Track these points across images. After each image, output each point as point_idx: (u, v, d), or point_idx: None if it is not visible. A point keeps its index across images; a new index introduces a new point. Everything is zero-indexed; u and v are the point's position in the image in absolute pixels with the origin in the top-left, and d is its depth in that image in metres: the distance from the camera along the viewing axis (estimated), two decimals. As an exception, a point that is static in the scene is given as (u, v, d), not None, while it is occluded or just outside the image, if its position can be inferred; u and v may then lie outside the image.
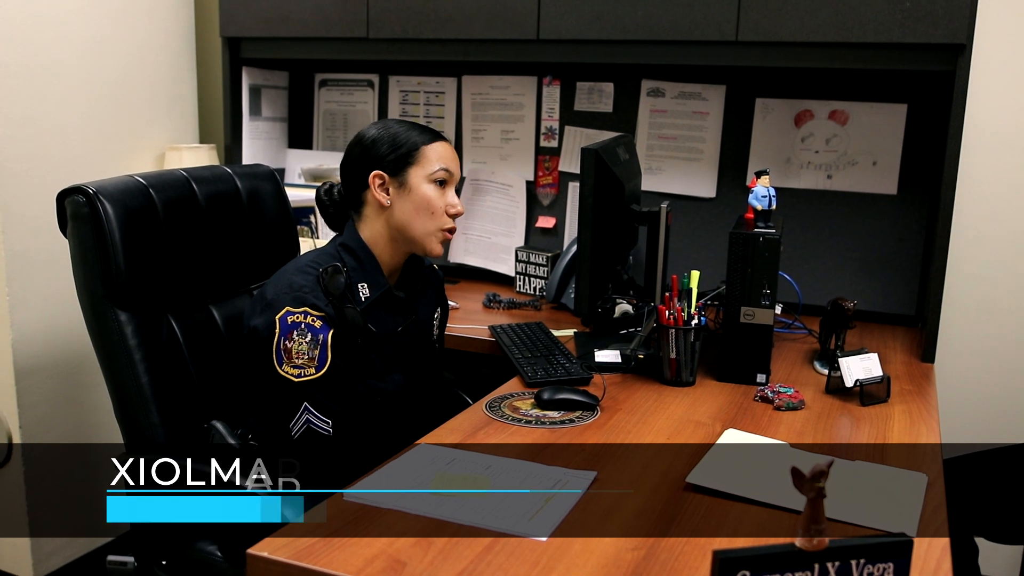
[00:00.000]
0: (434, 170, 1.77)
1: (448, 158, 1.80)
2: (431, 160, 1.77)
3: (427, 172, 1.76)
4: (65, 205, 1.75)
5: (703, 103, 2.65)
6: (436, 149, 1.78)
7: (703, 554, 1.20)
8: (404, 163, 1.76)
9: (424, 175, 1.76)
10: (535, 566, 1.15)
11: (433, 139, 1.80)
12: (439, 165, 1.77)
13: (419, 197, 1.76)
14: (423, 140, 1.78)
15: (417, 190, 1.76)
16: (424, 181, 1.77)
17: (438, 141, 1.80)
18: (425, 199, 1.76)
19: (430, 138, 1.79)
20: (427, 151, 1.77)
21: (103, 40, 2.64)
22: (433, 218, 1.77)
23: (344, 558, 1.16)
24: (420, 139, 1.78)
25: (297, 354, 1.62)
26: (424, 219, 1.77)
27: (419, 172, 1.76)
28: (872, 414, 1.79)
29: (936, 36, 2.06)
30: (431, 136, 1.80)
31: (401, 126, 1.81)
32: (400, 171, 1.76)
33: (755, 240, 1.91)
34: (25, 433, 2.46)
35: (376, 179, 1.77)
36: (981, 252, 2.50)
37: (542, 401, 1.76)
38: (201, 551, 1.78)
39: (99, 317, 1.75)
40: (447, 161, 1.79)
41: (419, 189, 1.76)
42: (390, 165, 1.77)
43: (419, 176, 1.76)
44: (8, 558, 2.57)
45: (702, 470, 1.45)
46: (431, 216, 1.77)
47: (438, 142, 1.80)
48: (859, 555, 1.10)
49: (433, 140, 1.79)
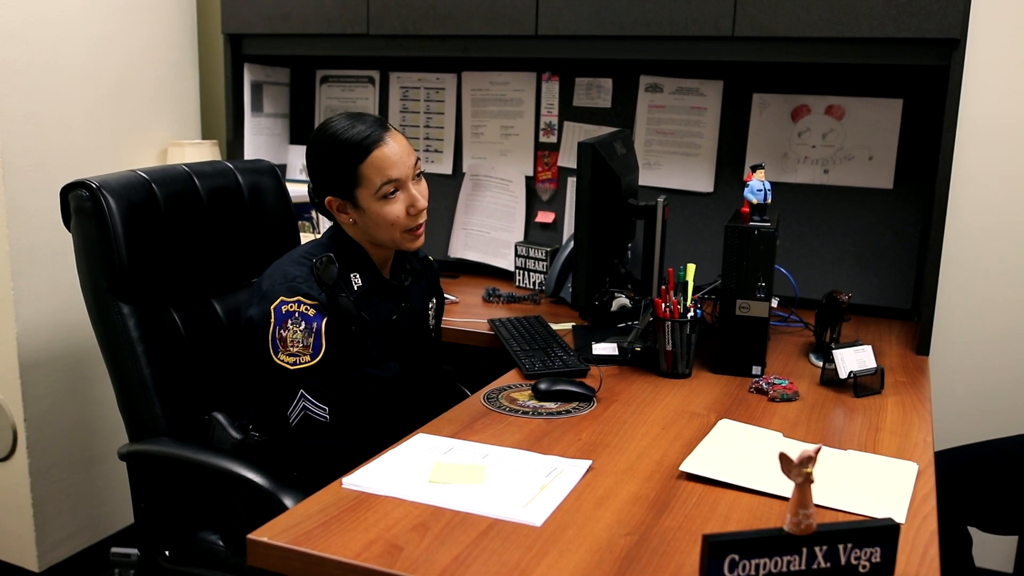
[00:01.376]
0: (378, 188, 1.70)
1: (391, 163, 1.70)
2: (371, 179, 1.70)
3: (372, 192, 1.70)
4: (69, 199, 1.77)
5: (701, 98, 2.67)
6: (373, 163, 1.69)
7: (694, 539, 1.22)
8: (349, 187, 1.72)
9: (371, 195, 1.71)
10: (529, 551, 1.18)
11: (371, 149, 1.69)
12: (380, 180, 1.69)
13: (374, 215, 1.72)
14: (359, 156, 1.69)
15: (370, 209, 1.72)
16: (373, 200, 1.71)
17: (375, 149, 1.69)
18: (379, 216, 1.72)
19: (368, 148, 1.69)
20: (365, 170, 1.69)
21: (106, 37, 2.66)
22: (394, 227, 1.74)
23: (342, 543, 1.18)
24: (356, 155, 1.69)
25: (292, 342, 1.64)
26: (387, 230, 1.74)
27: (366, 193, 1.71)
28: (865, 405, 1.81)
29: (930, 31, 2.07)
30: (368, 144, 1.69)
31: (335, 140, 1.71)
32: (348, 195, 1.73)
33: (750, 233, 1.93)
34: (30, 425, 2.49)
35: (332, 203, 1.76)
36: (976, 246, 2.52)
37: (539, 392, 1.78)
38: (203, 541, 1.81)
39: (102, 310, 1.78)
40: (390, 170, 1.70)
41: (371, 208, 1.72)
42: (338, 191, 1.74)
43: (367, 197, 1.71)
44: (13, 550, 2.59)
45: (695, 459, 1.48)
46: (392, 227, 1.74)
47: (375, 151, 1.69)
48: (847, 539, 1.12)
49: (368, 151, 1.69)
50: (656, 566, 1.15)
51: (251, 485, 1.59)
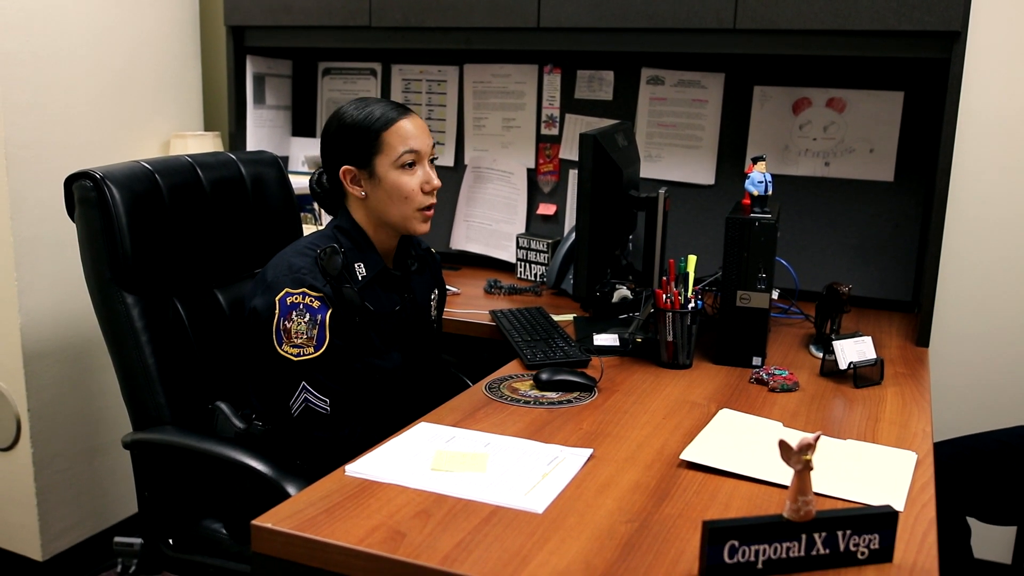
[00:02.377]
0: (399, 155, 1.73)
1: (413, 136, 1.75)
2: (394, 146, 1.73)
3: (392, 159, 1.73)
4: (73, 190, 1.78)
5: (702, 91, 2.67)
6: (398, 132, 1.74)
7: (695, 526, 1.23)
8: (368, 154, 1.74)
9: (390, 163, 1.74)
10: (531, 537, 1.19)
11: (393, 120, 1.74)
12: (403, 148, 1.73)
13: (390, 185, 1.74)
14: (383, 124, 1.73)
15: (386, 179, 1.74)
16: (391, 168, 1.74)
17: (400, 120, 1.75)
18: (396, 186, 1.75)
19: (390, 119, 1.74)
20: (388, 137, 1.73)
21: (109, 28, 2.67)
22: (408, 202, 1.76)
23: (346, 529, 1.19)
24: (380, 123, 1.73)
25: (296, 334, 1.65)
26: (400, 205, 1.76)
27: (385, 160, 1.74)
28: (865, 396, 1.81)
29: (931, 23, 2.08)
30: (391, 116, 1.75)
31: (361, 110, 1.76)
32: (367, 162, 1.75)
33: (751, 225, 1.93)
34: (33, 415, 2.50)
35: (346, 174, 1.77)
36: (976, 238, 2.52)
37: (541, 382, 1.79)
38: (207, 529, 1.82)
39: (106, 300, 1.79)
40: (412, 141, 1.75)
41: (388, 177, 1.74)
42: (355, 158, 1.75)
43: (385, 165, 1.74)
44: (17, 539, 2.61)
45: (696, 447, 1.49)
46: (405, 200, 1.76)
47: (400, 121, 1.74)
48: (845, 526, 1.13)
49: (393, 121, 1.74)
50: (657, 552, 1.16)
51: (254, 473, 1.60)
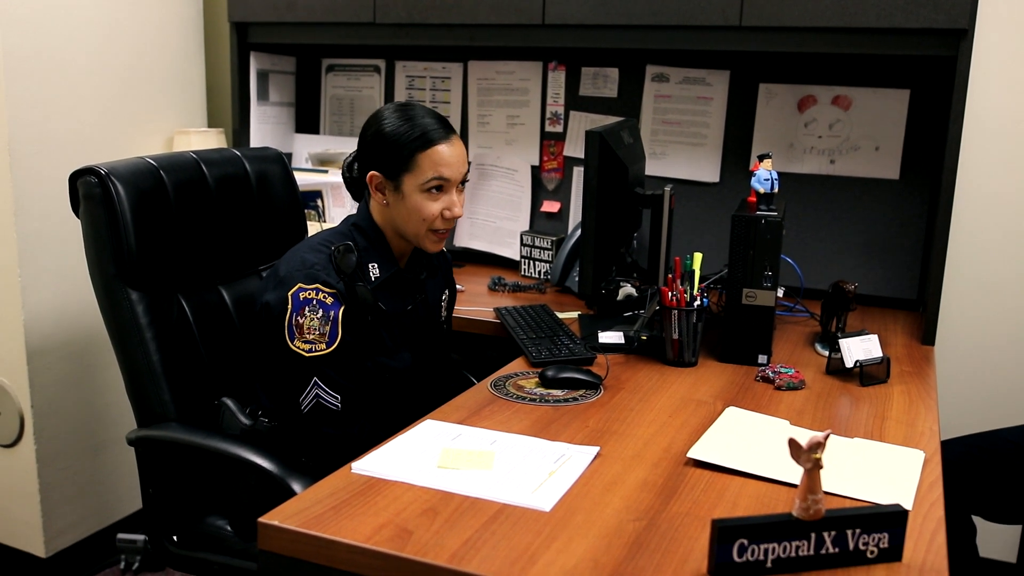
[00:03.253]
0: (427, 180, 1.72)
1: (446, 164, 1.73)
2: (424, 170, 1.72)
3: (419, 182, 1.72)
4: (77, 186, 1.78)
5: (707, 88, 2.67)
6: (432, 156, 1.72)
7: (703, 524, 1.22)
8: (399, 169, 1.73)
9: (416, 184, 1.72)
10: (538, 535, 1.18)
11: (431, 143, 1.72)
12: (433, 174, 1.72)
13: (411, 205, 1.74)
14: (419, 145, 1.71)
15: (409, 198, 1.74)
16: (416, 190, 1.73)
17: (441, 143, 1.73)
18: (417, 208, 1.74)
19: (428, 141, 1.72)
20: (422, 159, 1.71)
21: (113, 25, 2.66)
22: (424, 223, 1.75)
23: (353, 527, 1.19)
24: (418, 143, 1.71)
25: (308, 330, 1.65)
26: (416, 224, 1.76)
27: (412, 180, 1.73)
28: (871, 394, 1.81)
29: (938, 21, 2.07)
30: (436, 137, 1.72)
31: (407, 121, 1.73)
32: (395, 176, 1.74)
33: (757, 222, 1.93)
34: (36, 412, 2.50)
35: (373, 179, 1.76)
36: (982, 237, 2.52)
37: (546, 380, 1.78)
38: (211, 526, 1.82)
39: (111, 296, 1.78)
40: (444, 169, 1.73)
41: (411, 197, 1.73)
42: (386, 168, 1.74)
43: (412, 184, 1.73)
44: (20, 536, 2.60)
45: (703, 445, 1.48)
46: (423, 222, 1.75)
47: (441, 144, 1.72)
48: (855, 525, 1.13)
49: (431, 144, 1.72)
50: (665, 551, 1.16)
51: (260, 470, 1.60)
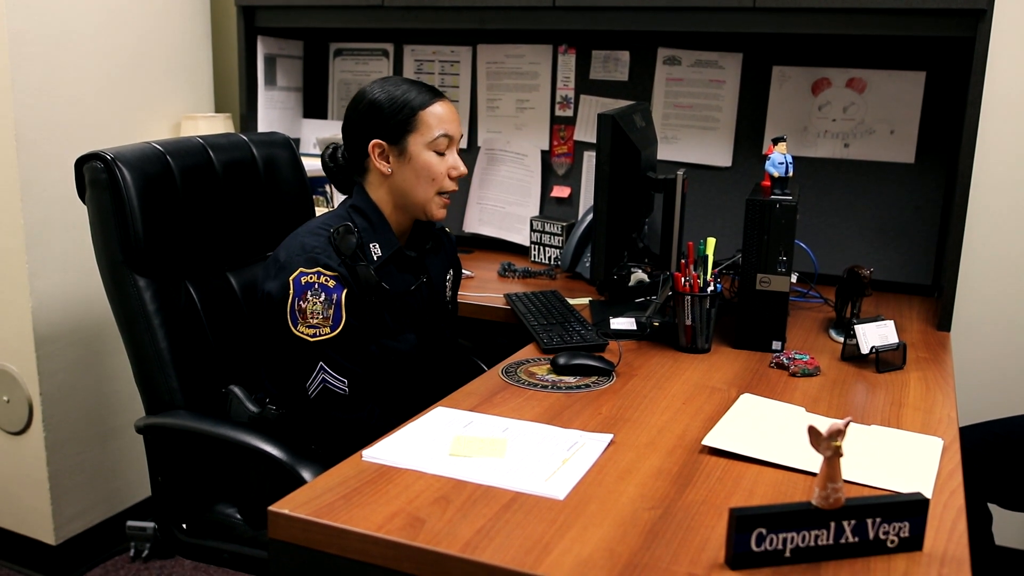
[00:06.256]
0: (434, 137, 1.74)
1: (448, 120, 1.76)
2: (430, 126, 1.74)
3: (426, 139, 1.74)
4: (84, 172, 1.76)
5: (719, 71, 2.63)
6: (435, 113, 1.74)
7: (719, 513, 1.20)
8: (403, 130, 1.73)
9: (424, 142, 1.74)
10: (552, 524, 1.16)
11: (430, 101, 1.75)
12: (439, 131, 1.74)
13: (420, 165, 1.74)
14: (420, 103, 1.73)
15: (417, 158, 1.74)
16: (424, 149, 1.74)
17: (436, 102, 1.75)
18: (426, 167, 1.75)
19: (427, 100, 1.74)
20: (425, 116, 1.73)
21: (119, 9, 2.63)
22: (434, 184, 1.76)
23: (364, 515, 1.17)
24: (417, 102, 1.73)
25: (312, 314, 1.63)
26: (425, 185, 1.76)
27: (418, 139, 1.74)
28: (888, 381, 1.78)
29: (956, 1, 2.03)
30: (428, 97, 1.75)
31: (398, 87, 1.75)
32: (399, 139, 1.74)
33: (771, 207, 1.90)
34: (45, 399, 2.49)
35: (375, 148, 1.75)
36: (999, 221, 2.48)
37: (558, 366, 1.76)
38: (220, 514, 1.81)
39: (118, 282, 1.77)
40: (447, 125, 1.76)
41: (419, 157, 1.74)
42: (388, 133, 1.74)
43: (418, 144, 1.74)
44: (30, 523, 2.60)
45: (718, 433, 1.46)
46: (432, 182, 1.76)
47: (436, 103, 1.75)
48: (875, 514, 1.11)
49: (431, 102, 1.75)
50: (681, 540, 1.14)
51: (269, 458, 1.59)
